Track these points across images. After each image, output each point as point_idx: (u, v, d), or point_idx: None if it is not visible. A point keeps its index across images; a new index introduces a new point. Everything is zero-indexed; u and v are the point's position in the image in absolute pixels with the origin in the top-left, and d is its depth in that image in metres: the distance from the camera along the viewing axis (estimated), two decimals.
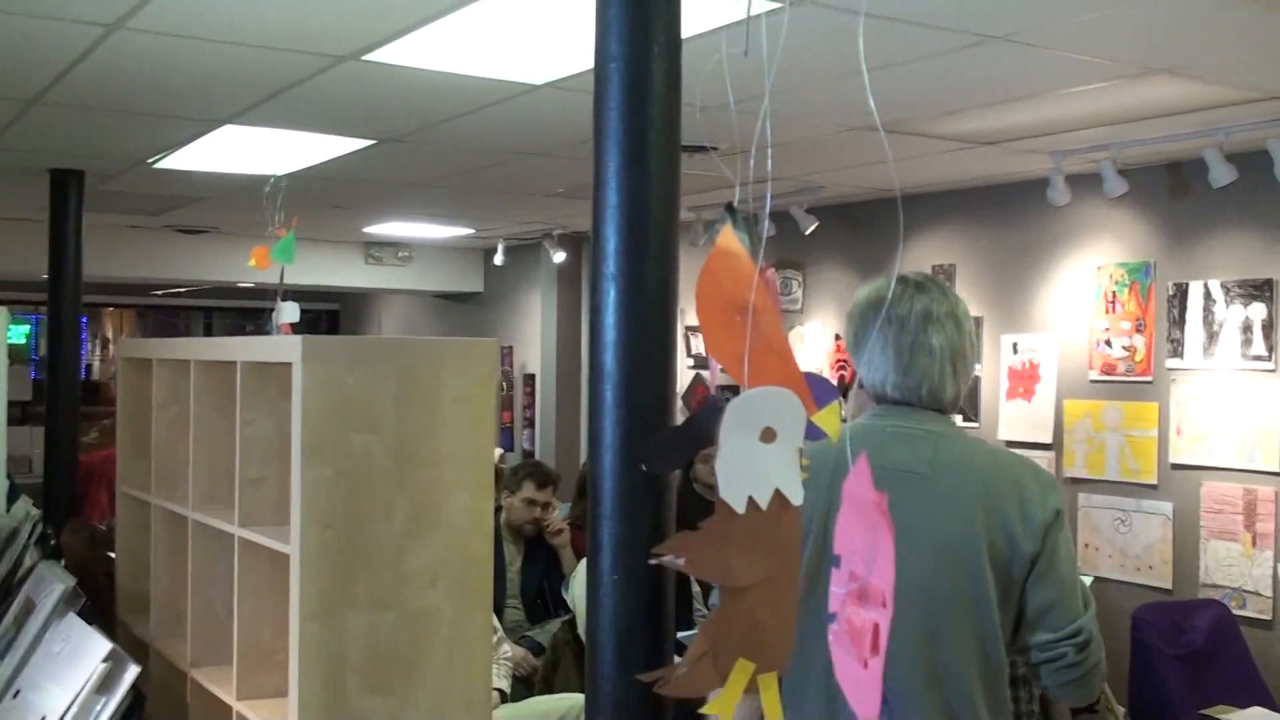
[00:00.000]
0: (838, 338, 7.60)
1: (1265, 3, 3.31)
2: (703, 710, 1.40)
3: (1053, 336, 6.32)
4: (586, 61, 1.79)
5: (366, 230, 9.43)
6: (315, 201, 7.56)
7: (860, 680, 1.19)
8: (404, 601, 2.61)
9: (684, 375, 8.85)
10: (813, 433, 1.28)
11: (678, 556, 1.31)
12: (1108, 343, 6.03)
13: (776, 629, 1.35)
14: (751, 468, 1.26)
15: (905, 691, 2.22)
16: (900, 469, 2.29)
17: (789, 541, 1.35)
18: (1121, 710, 4.97)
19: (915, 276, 2.51)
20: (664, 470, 1.43)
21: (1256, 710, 4.70)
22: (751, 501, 1.26)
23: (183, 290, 13.54)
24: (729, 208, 1.35)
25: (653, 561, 1.27)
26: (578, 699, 3.95)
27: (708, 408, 1.36)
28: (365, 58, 3.94)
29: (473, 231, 9.44)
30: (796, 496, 1.32)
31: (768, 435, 1.27)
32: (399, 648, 2.60)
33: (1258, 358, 5.42)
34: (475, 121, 5.01)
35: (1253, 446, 5.38)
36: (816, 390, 1.29)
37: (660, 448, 1.49)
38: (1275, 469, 5.25)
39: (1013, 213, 6.53)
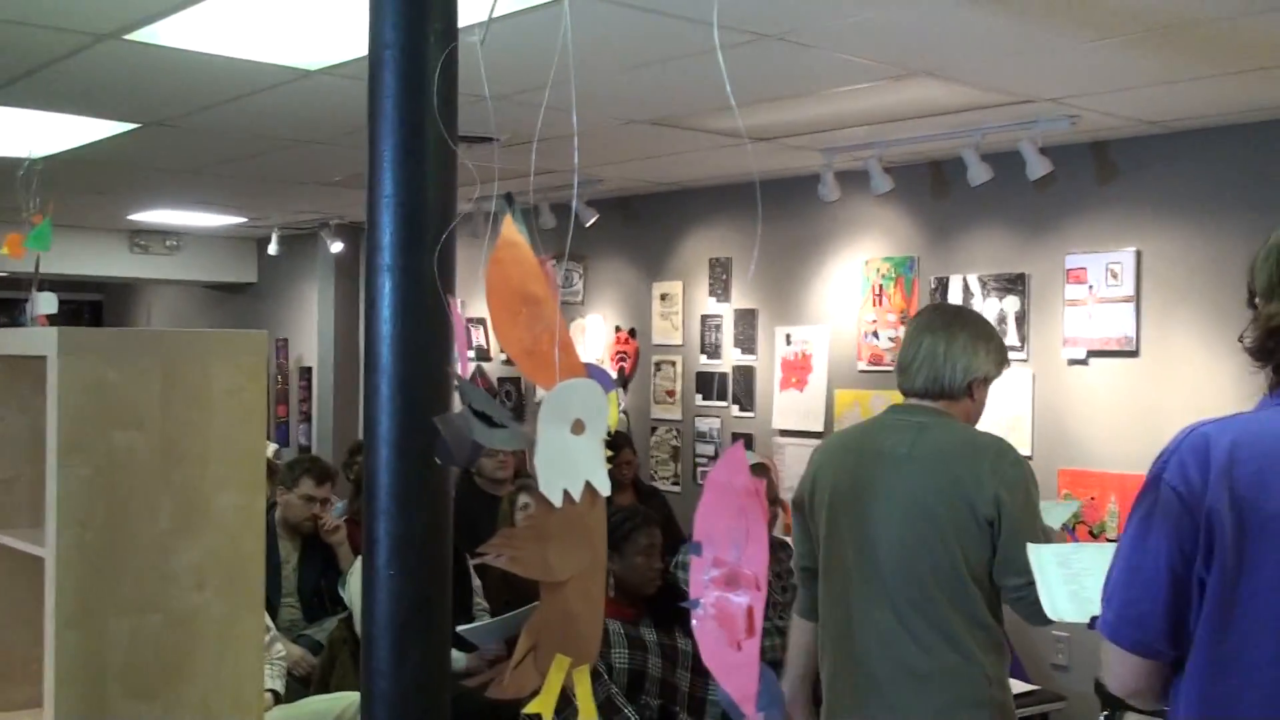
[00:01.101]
0: (618, 329, 7.68)
1: (1018, 10, 3.50)
2: (526, 710, 1.40)
3: (824, 328, 6.53)
4: (362, 48, 1.75)
5: (131, 217, 9.03)
6: (75, 186, 7.20)
7: (734, 663, 1.20)
8: (170, 603, 2.51)
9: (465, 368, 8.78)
10: None
11: (500, 554, 1.30)
12: (875, 334, 6.27)
13: (589, 621, 1.36)
14: (566, 460, 1.26)
15: (901, 607, 2.81)
16: (889, 452, 2.91)
17: (598, 534, 1.35)
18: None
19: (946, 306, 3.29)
20: (469, 463, 1.41)
21: (1011, 681, 4.96)
22: (566, 495, 1.26)
23: None
24: (507, 198, 1.34)
25: (476, 562, 1.26)
26: (353, 697, 3.88)
27: (473, 407, 1.35)
28: (127, 37, 3.77)
29: (245, 220, 9.15)
30: (605, 488, 1.32)
31: (578, 427, 1.27)
32: (164, 651, 2.50)
33: (1011, 348, 5.71)
34: (247, 107, 4.85)
35: (1006, 432, 5.67)
36: (597, 381, 1.30)
37: (451, 442, 1.47)
38: (1027, 454, 5.55)
39: (786, 207, 6.72)
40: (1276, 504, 1.71)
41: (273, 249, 9.38)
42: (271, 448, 9.07)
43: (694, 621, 1.23)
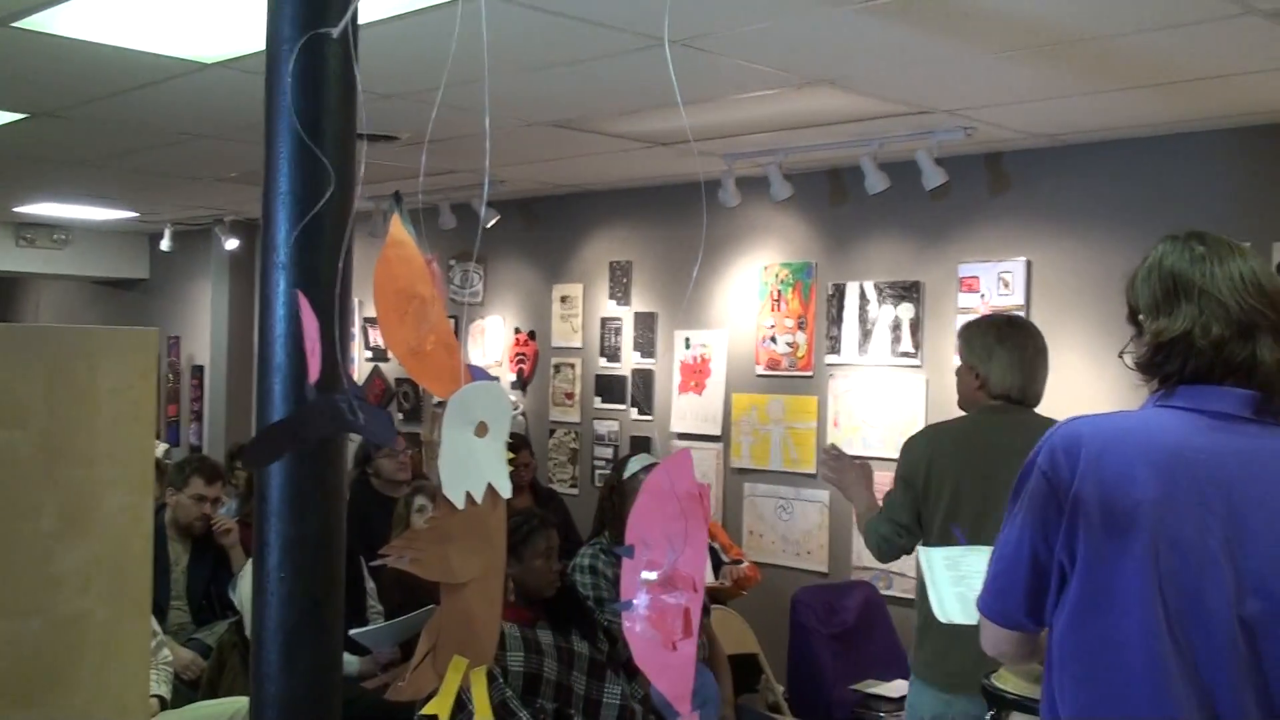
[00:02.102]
0: (518, 331, 7.65)
1: (916, 23, 3.56)
2: (423, 711, 1.39)
3: (723, 333, 6.58)
4: (260, 41, 1.73)
5: (18, 210, 8.78)
6: None
7: (668, 663, 1.20)
8: (52, 607, 2.44)
9: (363, 368, 8.69)
10: None
11: (402, 556, 1.29)
12: (773, 339, 6.33)
13: (487, 623, 1.35)
14: (468, 462, 1.25)
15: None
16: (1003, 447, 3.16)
17: (499, 536, 1.35)
18: (780, 688, 5.23)
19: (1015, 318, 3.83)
20: (260, 466, 1.40)
21: (900, 682, 5.04)
22: (468, 497, 1.25)
23: None
24: (395, 196, 1.34)
25: (376, 564, 1.25)
26: (242, 702, 3.81)
27: (313, 402, 1.33)
28: (17, 24, 3.66)
29: (137, 215, 8.94)
30: (506, 490, 1.32)
31: (481, 429, 1.26)
32: (44, 657, 2.43)
33: (906, 354, 5.81)
34: (141, 99, 4.75)
35: (901, 437, 5.74)
36: (479, 381, 1.30)
37: (261, 442, 1.45)
38: None
39: (687, 212, 6.75)
40: (1140, 495, 1.81)
41: (165, 245, 9.18)
42: (161, 447, 8.88)
43: (625, 623, 1.23)
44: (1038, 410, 3.47)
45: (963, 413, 3.63)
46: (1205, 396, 1.88)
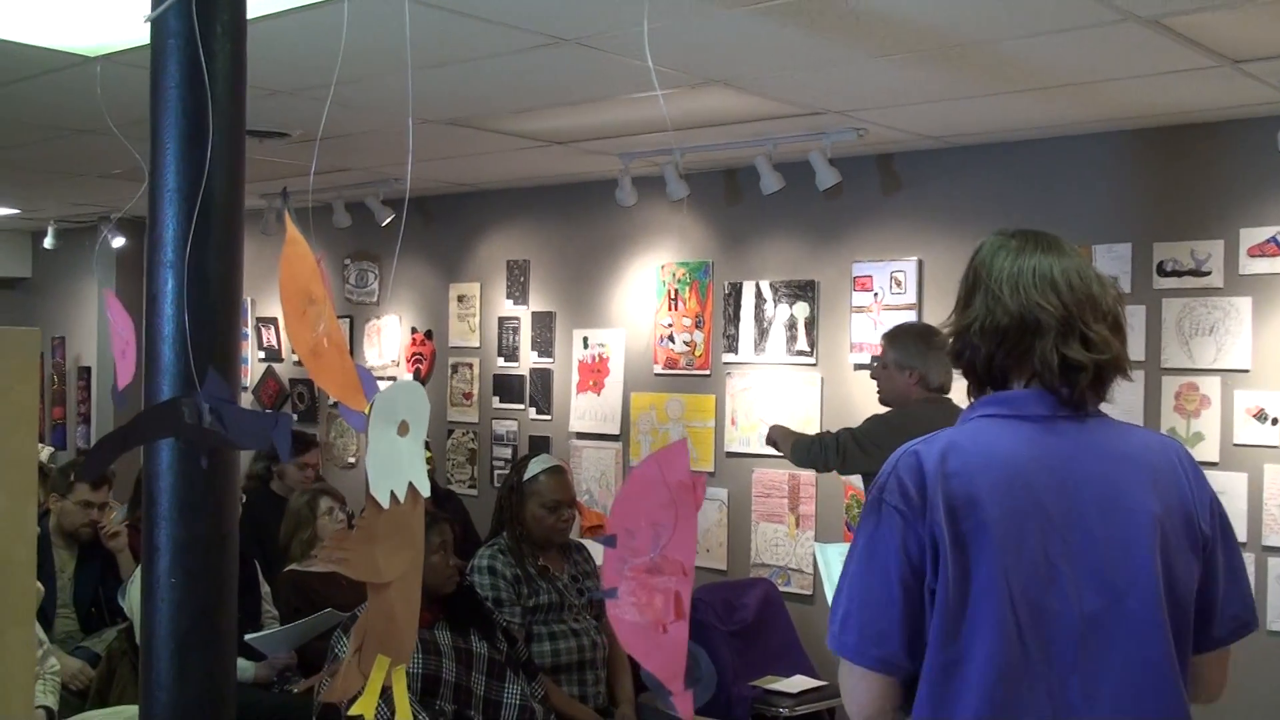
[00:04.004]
0: (414, 331, 7.59)
1: (808, 25, 3.60)
2: (351, 712, 1.38)
3: (620, 332, 6.59)
4: (145, 34, 1.69)
5: None
6: None
7: (659, 645, 1.20)
8: None
9: (256, 369, 8.55)
10: (359, 423, 1.28)
11: (333, 559, 1.28)
12: (671, 338, 6.36)
13: (408, 622, 1.35)
14: (393, 462, 1.25)
15: None
16: None
17: (418, 535, 1.34)
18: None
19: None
20: (93, 476, 1.39)
21: (799, 678, 5.10)
22: (392, 496, 1.25)
23: None
24: (283, 193, 1.33)
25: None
26: (132, 711, 3.73)
27: (152, 407, 1.32)
28: None
29: (18, 212, 8.69)
30: (425, 488, 1.31)
31: (402, 429, 1.26)
32: None
33: (801, 353, 5.88)
34: (21, 92, 4.62)
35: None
36: (365, 383, 1.30)
37: (97, 451, 1.43)
38: None
39: (584, 211, 6.76)
40: (985, 511, 1.82)
41: (49, 243, 8.92)
42: (46, 451, 8.64)
43: (610, 609, 1.23)
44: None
45: (886, 408, 4.22)
46: (1015, 401, 1.92)
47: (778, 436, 4.48)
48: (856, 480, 4.96)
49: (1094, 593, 1.83)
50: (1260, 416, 4.67)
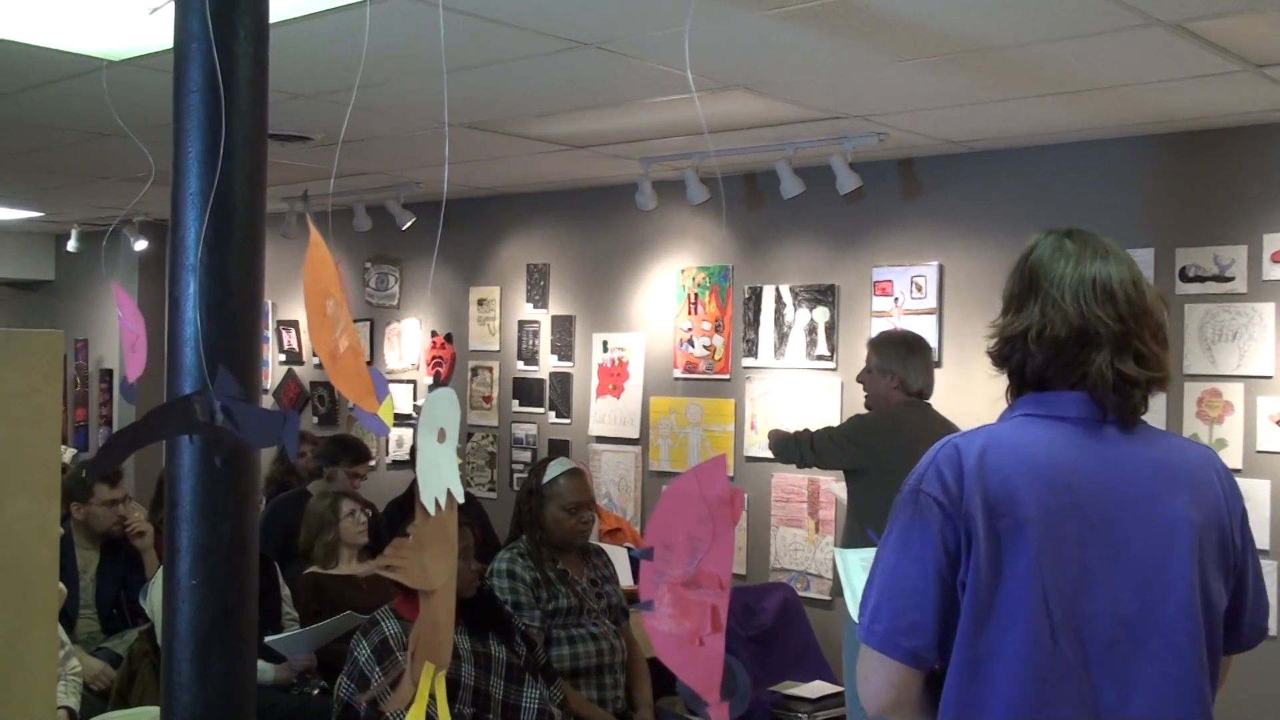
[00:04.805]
0: (434, 334, 7.60)
1: (829, 29, 3.60)
2: (408, 719, 1.38)
3: (640, 336, 6.59)
4: (168, 39, 1.70)
5: None
6: None
7: (695, 658, 1.21)
8: None
9: (276, 371, 8.58)
10: (374, 425, 1.28)
11: (388, 568, 1.30)
12: (690, 342, 6.36)
13: (448, 628, 1.35)
14: (437, 469, 1.25)
15: None
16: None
17: (454, 540, 1.35)
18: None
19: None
20: (103, 472, 1.41)
21: (818, 684, 5.09)
22: (437, 504, 1.26)
23: None
24: (303, 196, 1.33)
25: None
26: (153, 712, 3.74)
27: (165, 404, 1.32)
28: None
29: (42, 214, 8.74)
30: (460, 494, 1.32)
31: (441, 436, 1.27)
32: None
33: (821, 357, 5.87)
34: (45, 96, 4.65)
35: None
36: (377, 385, 1.30)
37: (108, 448, 1.44)
38: None
39: (604, 215, 6.76)
40: (1024, 509, 1.81)
41: (72, 245, 8.98)
42: (69, 453, 8.69)
43: (646, 621, 1.24)
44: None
45: (866, 411, 4.58)
46: (1058, 403, 1.90)
47: (770, 438, 4.80)
48: (840, 490, 5.00)
49: (1130, 599, 1.83)
50: None
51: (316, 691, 4.35)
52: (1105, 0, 3.29)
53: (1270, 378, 4.68)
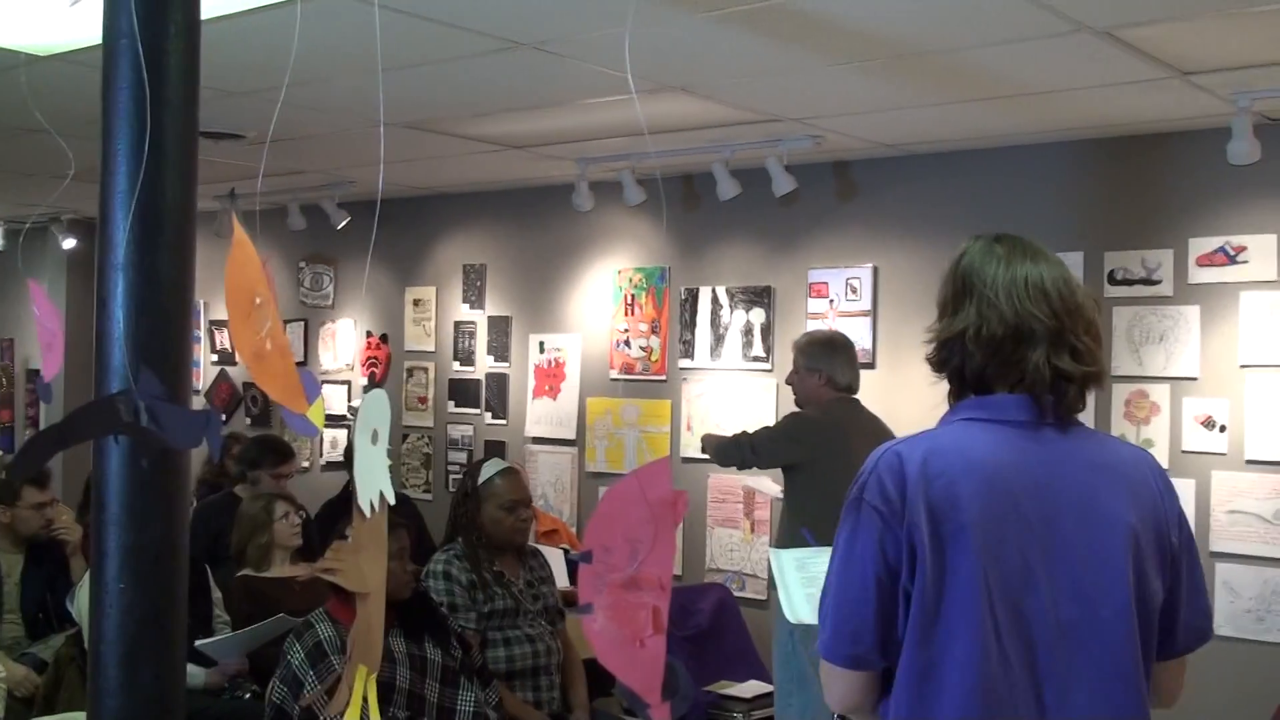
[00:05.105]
0: (369, 334, 7.55)
1: (765, 32, 3.62)
2: None
3: (577, 337, 6.59)
4: (97, 34, 1.68)
5: None
6: None
7: (636, 659, 1.20)
8: None
9: (208, 371, 8.47)
10: (302, 427, 1.27)
11: (328, 570, 1.30)
12: (627, 343, 6.36)
13: (379, 629, 1.34)
14: (371, 471, 1.25)
15: None
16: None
17: (385, 542, 1.34)
18: None
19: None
20: (26, 474, 1.39)
21: (753, 683, 5.11)
22: (371, 506, 1.25)
23: None
24: (230, 194, 1.32)
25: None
26: (80, 717, 3.68)
27: (88, 404, 1.31)
28: None
29: None
30: (391, 496, 1.31)
31: (375, 438, 1.26)
32: None
33: (757, 358, 5.90)
34: None
35: None
36: (307, 386, 1.29)
37: (28, 449, 1.42)
38: None
39: (541, 216, 6.74)
40: (966, 514, 1.83)
41: None
42: None
43: (586, 623, 1.24)
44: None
45: (799, 409, 4.67)
46: (999, 406, 1.92)
47: (705, 443, 4.95)
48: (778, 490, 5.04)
49: (1070, 600, 1.85)
50: (1208, 424, 4.74)
51: (248, 696, 4.30)
52: (1036, 7, 3.34)
53: (1195, 379, 4.77)
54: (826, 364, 4.59)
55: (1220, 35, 3.59)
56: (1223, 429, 4.70)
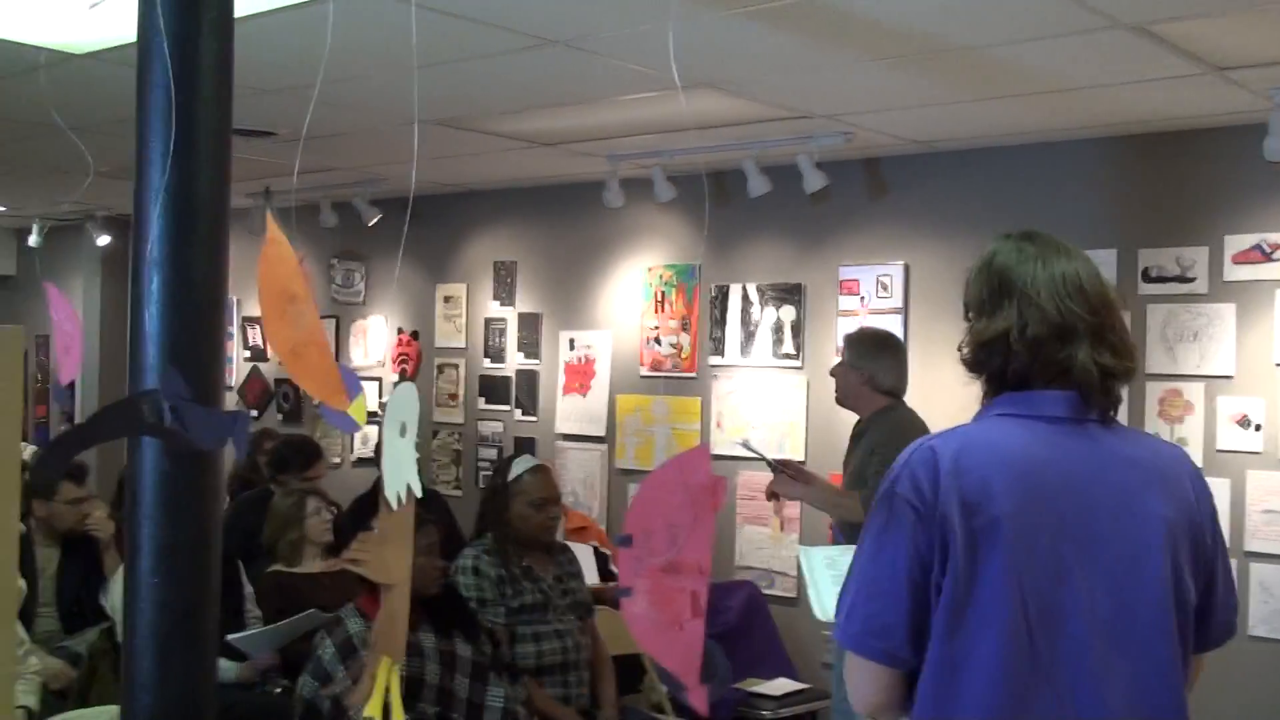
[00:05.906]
0: (400, 331, 7.57)
1: (796, 29, 3.61)
2: (365, 713, 1.38)
3: (607, 334, 6.59)
4: (131, 32, 1.69)
5: None
6: None
7: (674, 642, 1.22)
8: None
9: (241, 368, 8.52)
10: (342, 423, 1.28)
11: (355, 561, 1.31)
12: (657, 340, 6.36)
13: (404, 621, 1.35)
14: (400, 464, 1.26)
15: None
16: None
17: (411, 535, 1.35)
18: (664, 688, 5.24)
19: None
20: (49, 478, 1.41)
21: (781, 681, 5.11)
22: (399, 498, 1.26)
23: None
24: (265, 192, 1.33)
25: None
26: (113, 711, 3.71)
27: (111, 405, 1.32)
28: None
29: (4, 209, 8.65)
30: (418, 489, 1.32)
31: (403, 431, 1.27)
32: None
33: (787, 355, 5.89)
34: (3, 89, 4.59)
35: (782, 437, 5.85)
36: (348, 383, 1.30)
37: (52, 451, 1.43)
38: (800, 458, 5.71)
39: (571, 213, 6.75)
40: (999, 508, 1.82)
41: (34, 240, 8.88)
42: (29, 450, 8.59)
43: (625, 607, 1.24)
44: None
45: (841, 407, 4.49)
46: (1037, 401, 1.91)
47: (818, 499, 4.39)
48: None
49: (1105, 596, 1.84)
50: (1243, 423, 4.69)
51: (279, 690, 4.33)
52: (1069, 3, 3.31)
53: (1230, 378, 4.73)
54: (870, 363, 4.36)
55: (1255, 30, 3.55)
56: (1258, 428, 4.66)
